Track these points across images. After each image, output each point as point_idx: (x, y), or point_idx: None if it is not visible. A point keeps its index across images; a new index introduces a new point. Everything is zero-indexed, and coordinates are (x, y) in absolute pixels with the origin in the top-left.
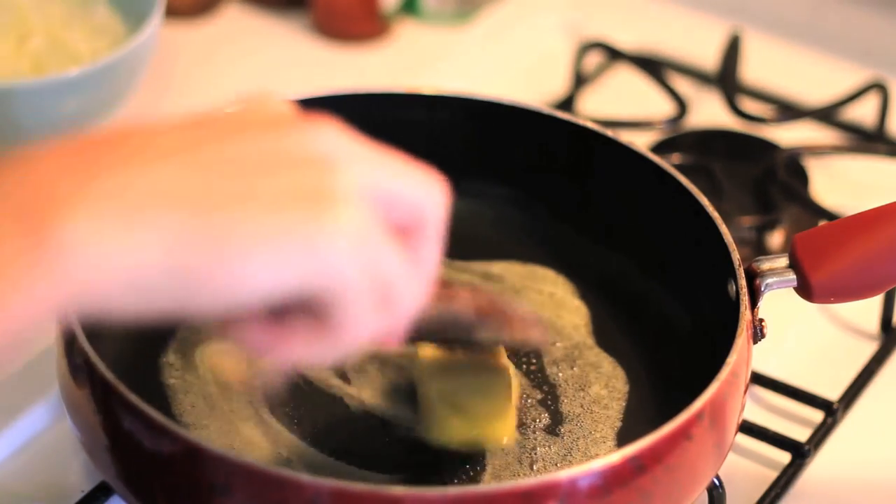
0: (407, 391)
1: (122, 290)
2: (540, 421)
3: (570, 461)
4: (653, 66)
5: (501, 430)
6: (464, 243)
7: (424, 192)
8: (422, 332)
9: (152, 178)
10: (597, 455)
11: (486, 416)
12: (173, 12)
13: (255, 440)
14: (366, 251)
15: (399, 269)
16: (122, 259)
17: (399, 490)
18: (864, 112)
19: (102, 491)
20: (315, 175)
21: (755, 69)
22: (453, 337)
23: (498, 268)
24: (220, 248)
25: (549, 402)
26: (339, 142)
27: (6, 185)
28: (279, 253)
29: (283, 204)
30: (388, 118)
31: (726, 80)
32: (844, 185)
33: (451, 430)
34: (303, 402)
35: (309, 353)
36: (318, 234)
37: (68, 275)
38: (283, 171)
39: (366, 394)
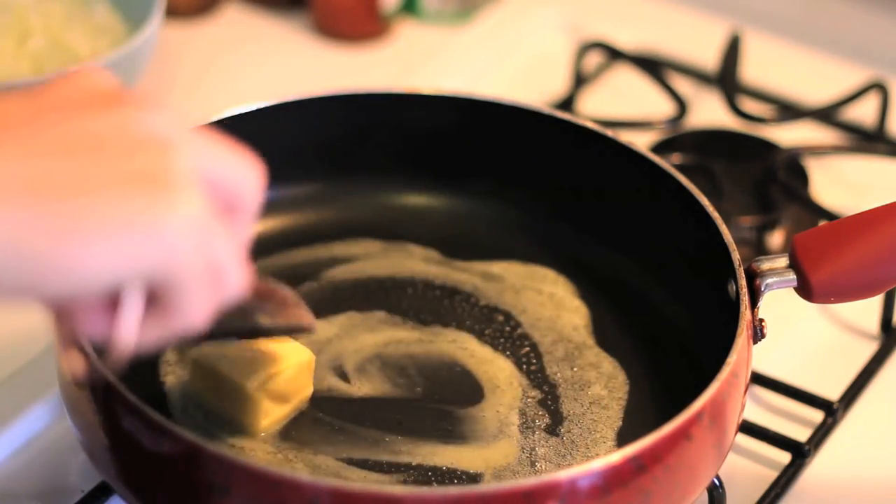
0: (406, 390)
1: None
2: (540, 421)
3: (570, 461)
4: (653, 66)
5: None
6: (464, 243)
7: (245, 174)
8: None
9: None
10: (597, 455)
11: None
12: (173, 12)
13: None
14: (202, 235)
15: (230, 252)
16: None
17: (399, 490)
18: (864, 112)
19: (102, 491)
20: (153, 157)
21: (755, 69)
22: (238, 325)
23: (498, 268)
24: (62, 232)
25: (549, 402)
26: (172, 123)
27: None
28: (120, 239)
29: (124, 186)
30: (388, 118)
31: (726, 80)
32: (844, 185)
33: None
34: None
35: (145, 335)
36: (158, 220)
37: None
38: (122, 152)
39: (365, 392)
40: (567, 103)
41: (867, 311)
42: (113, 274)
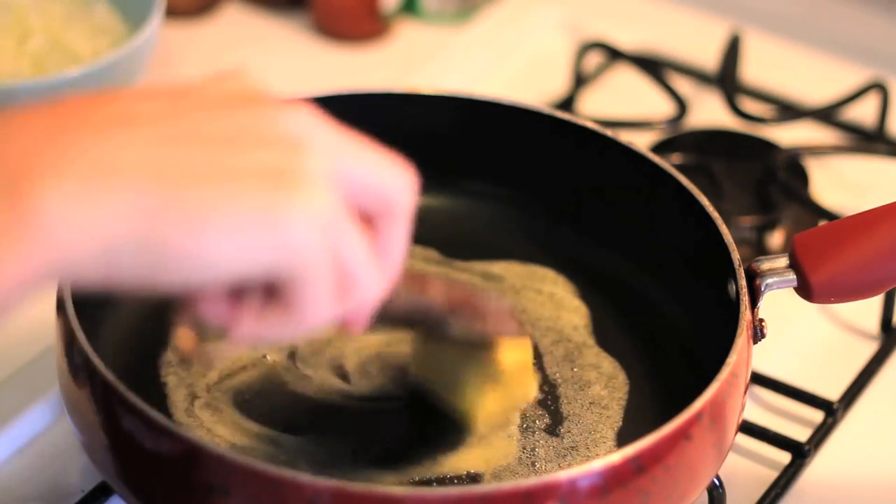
0: (407, 389)
1: (94, 260)
2: (540, 421)
3: (570, 461)
4: (653, 66)
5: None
6: (464, 243)
7: (393, 181)
8: (392, 320)
9: (128, 150)
10: (597, 455)
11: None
12: (173, 12)
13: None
14: (329, 233)
15: (361, 255)
16: (95, 230)
17: (399, 490)
18: (864, 112)
19: (102, 491)
20: (285, 155)
21: (755, 69)
22: (425, 327)
23: (498, 268)
24: (188, 221)
25: (549, 402)
26: (310, 124)
27: None
28: (245, 229)
29: (252, 181)
30: (388, 118)
31: (726, 80)
32: (844, 185)
33: (487, 399)
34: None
35: (265, 330)
36: (283, 212)
37: (46, 245)
38: (255, 148)
39: (365, 392)
40: (567, 103)
41: (867, 311)
42: (234, 266)
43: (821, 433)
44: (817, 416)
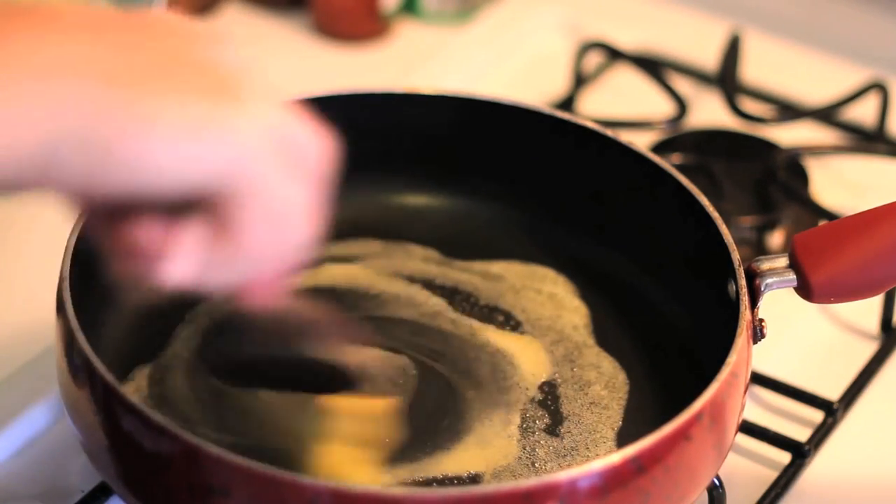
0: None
1: (30, 157)
2: (540, 421)
3: (570, 461)
4: (653, 66)
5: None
6: (464, 243)
7: (313, 136)
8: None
9: (74, 47)
10: (597, 455)
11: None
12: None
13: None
14: (272, 154)
15: (293, 193)
16: (35, 124)
17: (399, 491)
18: (864, 112)
19: (102, 491)
20: (230, 77)
21: (755, 69)
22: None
23: (498, 267)
24: (134, 122)
25: (549, 402)
26: (253, 63)
27: None
28: (193, 134)
29: (202, 88)
30: (388, 118)
31: (726, 80)
32: (844, 185)
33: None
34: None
35: (202, 259)
36: (232, 119)
37: None
38: (201, 65)
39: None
40: (567, 103)
41: (867, 311)
42: (178, 174)
43: (821, 433)
44: (817, 416)
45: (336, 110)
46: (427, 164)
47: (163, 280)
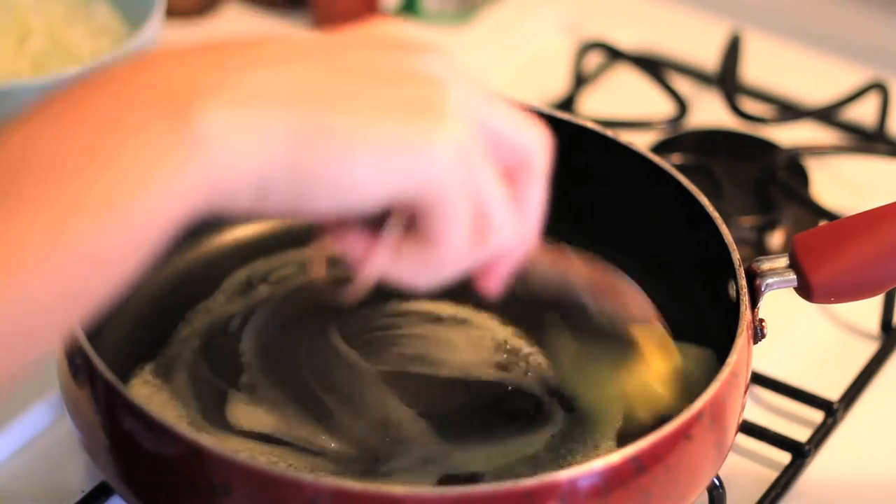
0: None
1: (248, 185)
2: (540, 420)
3: (570, 461)
4: (653, 66)
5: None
6: None
7: (529, 136)
8: (531, 292)
9: (284, 78)
10: (597, 455)
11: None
12: (173, 12)
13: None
14: (470, 164)
15: (499, 197)
16: (253, 153)
17: (399, 490)
18: (864, 112)
19: (102, 491)
20: (429, 90)
21: (755, 69)
22: (563, 307)
23: None
24: (338, 147)
25: (550, 402)
26: (453, 67)
27: (148, 75)
28: (390, 155)
29: (398, 110)
30: None
31: (726, 80)
32: (844, 185)
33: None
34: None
35: (401, 265)
36: (427, 138)
37: (209, 167)
38: (401, 83)
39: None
40: (567, 103)
41: (867, 311)
42: (378, 193)
43: (821, 433)
44: (817, 416)
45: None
46: None
47: (356, 291)
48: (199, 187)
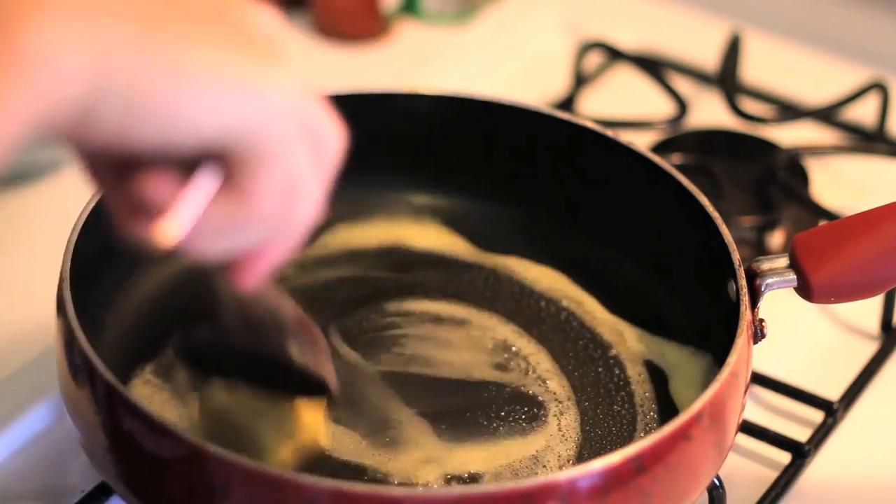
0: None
1: (75, 106)
2: (541, 419)
3: (570, 461)
4: (653, 66)
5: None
6: (464, 243)
7: (334, 126)
8: (247, 316)
9: None
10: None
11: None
12: None
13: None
14: (289, 124)
15: (314, 169)
16: (84, 71)
17: (399, 490)
18: (864, 112)
19: (102, 491)
20: (265, 38)
21: (755, 69)
22: (265, 338)
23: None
24: (172, 74)
25: (549, 401)
26: (284, 30)
27: None
28: (227, 89)
29: (232, 45)
30: (388, 118)
31: (726, 80)
32: (844, 185)
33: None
34: None
35: (204, 220)
36: (265, 78)
37: (39, 86)
38: (239, 22)
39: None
40: (567, 103)
41: (867, 311)
42: (208, 127)
43: (821, 433)
44: (817, 416)
45: (336, 110)
46: (427, 164)
47: (164, 237)
48: (25, 109)
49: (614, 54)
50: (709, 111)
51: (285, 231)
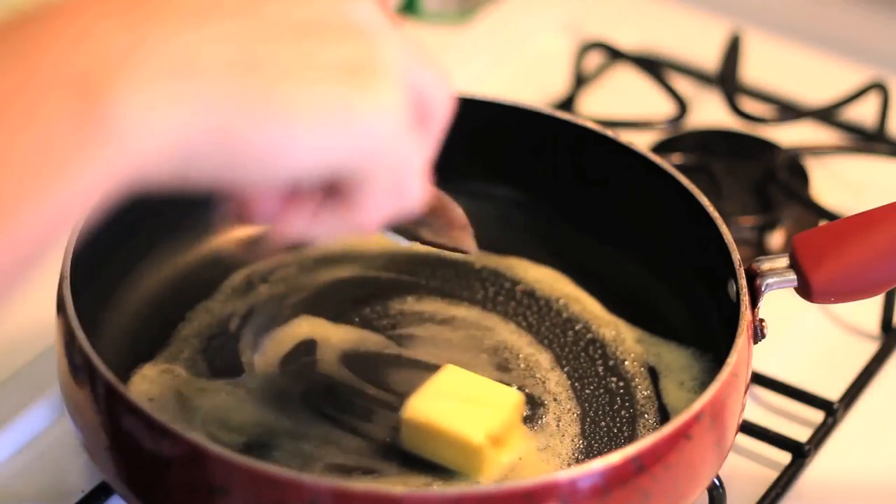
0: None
1: (171, 162)
2: (540, 419)
3: (570, 460)
4: (653, 66)
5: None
6: None
7: (440, 86)
8: None
9: (206, 45)
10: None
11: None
12: None
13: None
14: (399, 133)
15: (417, 157)
16: (175, 133)
17: (399, 490)
18: (864, 112)
19: (102, 491)
20: (358, 46)
21: (755, 69)
22: (399, 229)
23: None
24: (268, 117)
25: (549, 401)
26: (378, 16)
27: (56, 49)
28: (323, 125)
29: (329, 76)
30: None
31: (726, 80)
32: (844, 185)
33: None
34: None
35: (317, 227)
36: (361, 109)
37: (126, 152)
38: (331, 38)
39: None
40: (567, 103)
41: (867, 311)
42: (310, 163)
43: (821, 433)
44: (817, 416)
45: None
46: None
47: (277, 242)
48: (117, 171)
49: (614, 54)
50: (709, 111)
51: (396, 212)
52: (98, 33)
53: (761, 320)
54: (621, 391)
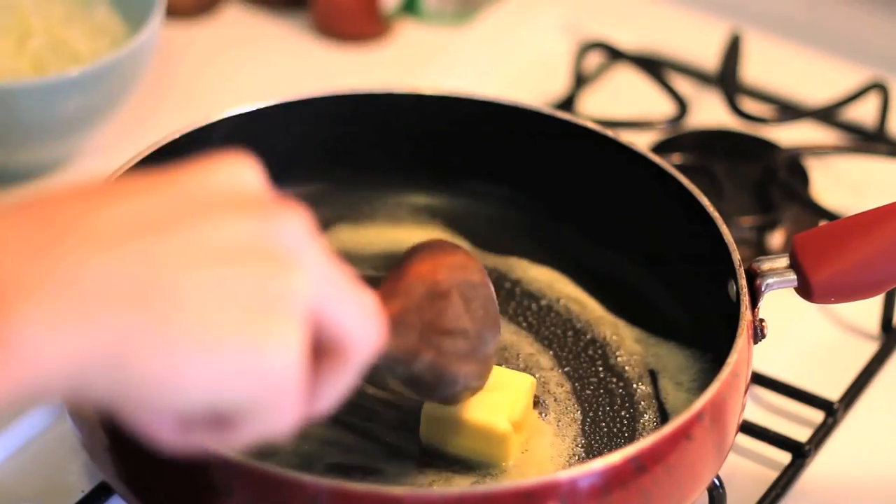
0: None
1: (65, 381)
2: (542, 419)
3: (570, 460)
4: (653, 66)
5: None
6: (464, 243)
7: (361, 327)
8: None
9: (109, 272)
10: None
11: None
12: (173, 12)
13: None
14: (289, 374)
15: (297, 398)
16: (71, 356)
17: (399, 490)
18: (864, 112)
19: (102, 491)
20: (269, 279)
21: (755, 69)
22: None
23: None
24: (162, 347)
25: (548, 401)
26: (302, 240)
27: None
28: (219, 360)
29: (229, 308)
30: (388, 118)
31: (726, 80)
32: (844, 185)
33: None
34: None
35: (206, 444)
36: (255, 348)
37: (20, 367)
38: (241, 266)
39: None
40: (567, 103)
41: (867, 311)
42: (203, 394)
43: (821, 433)
44: (817, 416)
45: (336, 110)
46: (427, 164)
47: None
48: (12, 391)
49: (614, 54)
50: (709, 111)
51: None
52: (10, 248)
53: (761, 320)
54: (621, 391)
